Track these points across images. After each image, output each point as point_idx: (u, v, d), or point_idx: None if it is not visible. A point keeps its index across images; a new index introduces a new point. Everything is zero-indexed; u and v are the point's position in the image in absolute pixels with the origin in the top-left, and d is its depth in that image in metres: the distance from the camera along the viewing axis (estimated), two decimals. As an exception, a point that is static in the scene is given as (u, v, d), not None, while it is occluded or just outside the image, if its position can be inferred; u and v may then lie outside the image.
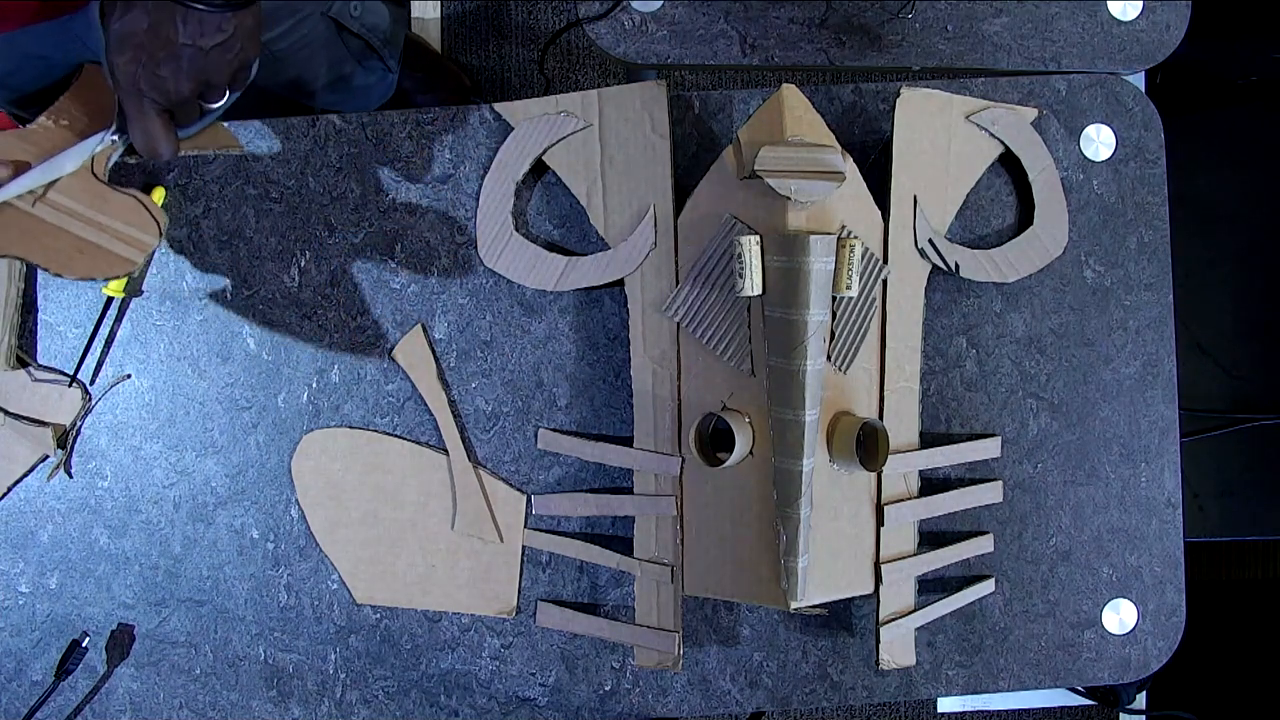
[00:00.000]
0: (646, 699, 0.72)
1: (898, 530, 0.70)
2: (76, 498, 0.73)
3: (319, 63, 0.90)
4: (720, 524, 0.66)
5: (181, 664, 0.73)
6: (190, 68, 0.57)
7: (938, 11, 0.74)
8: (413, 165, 0.72)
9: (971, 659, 0.73)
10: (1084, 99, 0.74)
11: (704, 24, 0.74)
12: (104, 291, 0.71)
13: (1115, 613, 0.73)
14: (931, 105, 0.70)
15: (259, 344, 0.72)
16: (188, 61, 0.57)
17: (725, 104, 0.72)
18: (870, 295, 0.67)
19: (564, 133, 0.69)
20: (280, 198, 0.72)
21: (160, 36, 0.55)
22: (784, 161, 0.60)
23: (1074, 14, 0.75)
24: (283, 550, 0.73)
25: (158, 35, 0.55)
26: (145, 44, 0.55)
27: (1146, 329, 0.74)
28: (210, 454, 0.73)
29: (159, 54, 0.56)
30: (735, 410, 0.65)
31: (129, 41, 0.55)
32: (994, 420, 0.73)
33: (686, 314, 0.67)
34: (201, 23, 0.55)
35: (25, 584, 0.73)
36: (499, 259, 0.71)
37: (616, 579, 0.72)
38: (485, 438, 0.72)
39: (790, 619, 0.72)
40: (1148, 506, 0.74)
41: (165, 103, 0.59)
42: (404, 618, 0.72)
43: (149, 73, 0.57)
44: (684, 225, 0.67)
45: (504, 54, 1.53)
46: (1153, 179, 0.74)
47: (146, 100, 0.58)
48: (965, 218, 0.73)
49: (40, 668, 0.73)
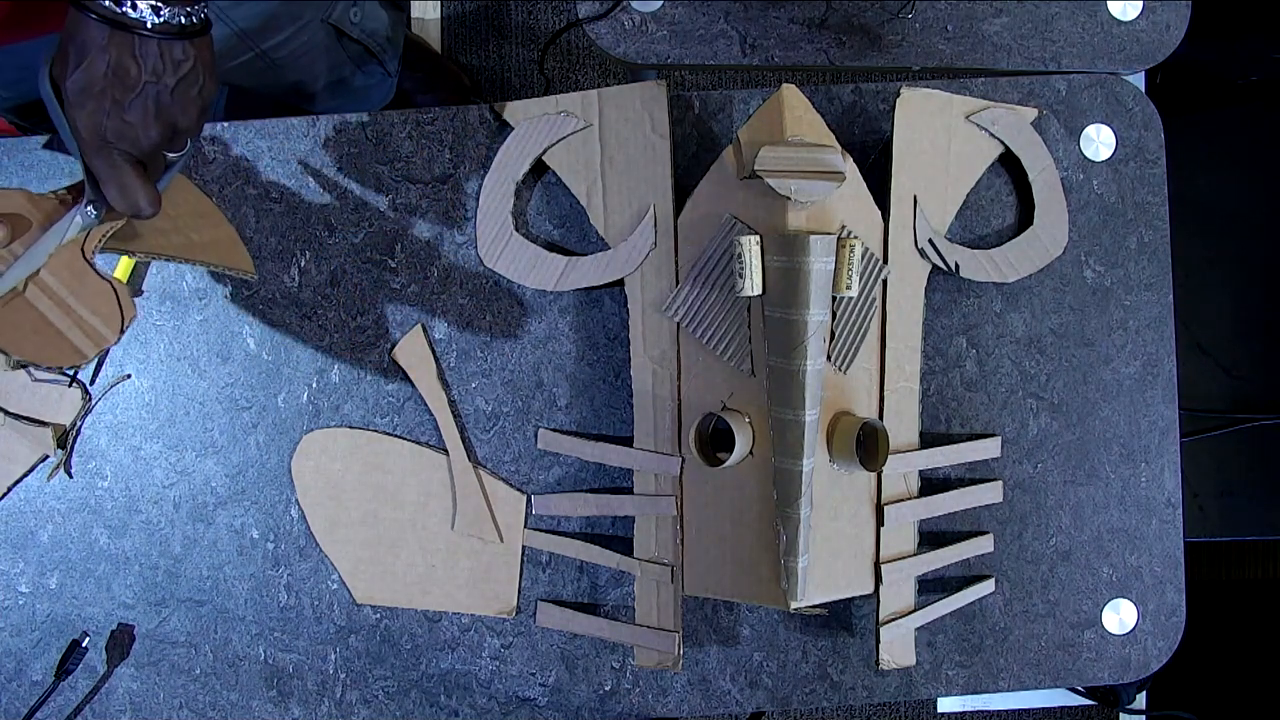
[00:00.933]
0: (646, 699, 0.72)
1: (898, 530, 0.70)
2: (76, 498, 0.73)
3: (318, 68, 0.90)
4: (720, 524, 0.66)
5: (181, 664, 0.73)
6: (157, 108, 0.55)
7: (938, 11, 0.74)
8: (413, 165, 0.72)
9: (971, 659, 0.73)
10: (1084, 99, 0.74)
11: (704, 24, 0.74)
12: (104, 291, 0.70)
13: (1115, 613, 0.73)
14: (931, 105, 0.70)
15: (259, 344, 0.72)
16: (154, 101, 0.54)
17: (725, 104, 0.72)
18: (870, 295, 0.67)
19: (564, 133, 0.69)
20: (280, 198, 0.72)
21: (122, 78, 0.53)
22: (784, 161, 0.60)
23: (1074, 14, 0.75)
24: (283, 550, 0.73)
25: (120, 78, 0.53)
26: (107, 89, 0.53)
27: (1146, 329, 0.74)
28: (210, 454, 0.73)
29: (124, 97, 0.53)
30: (735, 410, 0.65)
31: (89, 91, 0.53)
32: (994, 420, 0.73)
33: (686, 314, 0.67)
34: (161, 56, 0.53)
35: (25, 584, 0.73)
36: (499, 259, 0.71)
37: (616, 579, 0.72)
38: (485, 438, 0.72)
39: (790, 619, 0.72)
40: (1148, 506, 0.74)
41: (136, 152, 0.56)
42: (404, 618, 0.72)
43: (116, 120, 0.54)
44: (684, 225, 0.67)
45: (504, 54, 1.53)
46: (1153, 179, 0.74)
47: (116, 153, 0.55)
48: (965, 218, 0.73)
49: (40, 668, 0.73)
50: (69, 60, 0.52)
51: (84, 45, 0.52)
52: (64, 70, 0.53)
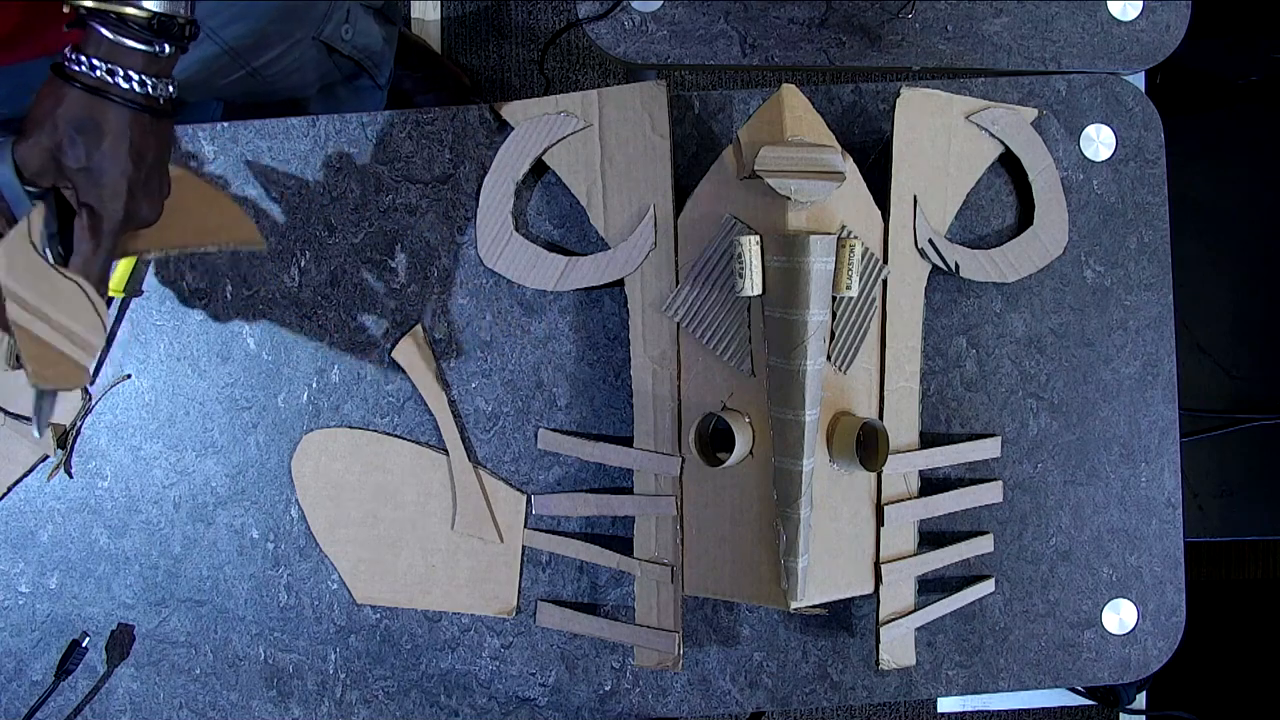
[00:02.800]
0: (646, 699, 0.72)
1: (898, 530, 0.70)
2: (76, 498, 0.73)
3: (309, 84, 0.90)
4: (720, 524, 0.66)
5: (181, 664, 0.73)
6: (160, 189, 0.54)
7: (938, 11, 0.74)
8: (413, 165, 0.72)
9: (971, 659, 0.73)
10: (1084, 99, 0.74)
11: (704, 24, 0.74)
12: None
13: (1115, 613, 0.73)
14: (931, 105, 0.70)
15: (259, 344, 0.72)
16: (158, 181, 0.54)
17: (725, 104, 0.72)
18: (870, 295, 0.67)
19: (564, 133, 0.69)
20: (280, 198, 0.72)
21: (145, 153, 0.52)
22: (784, 161, 0.60)
23: (1074, 14, 0.75)
24: (283, 550, 0.73)
25: (143, 154, 0.52)
26: (136, 165, 0.52)
27: (1146, 329, 0.74)
28: (210, 454, 0.73)
29: (143, 177, 0.53)
30: (735, 410, 0.65)
31: (116, 168, 0.51)
32: (994, 420, 0.73)
33: (686, 314, 0.67)
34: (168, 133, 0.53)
35: (25, 584, 0.73)
36: (499, 259, 0.71)
37: (616, 579, 0.72)
38: (485, 438, 0.72)
39: (790, 619, 0.72)
40: (1148, 506, 0.74)
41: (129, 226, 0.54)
42: (404, 618, 0.72)
43: (139, 203, 0.53)
44: (684, 225, 0.67)
45: (504, 54, 1.53)
46: (1153, 179, 0.74)
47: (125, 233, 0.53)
48: (965, 218, 0.73)
49: (40, 668, 0.73)
50: (86, 140, 0.51)
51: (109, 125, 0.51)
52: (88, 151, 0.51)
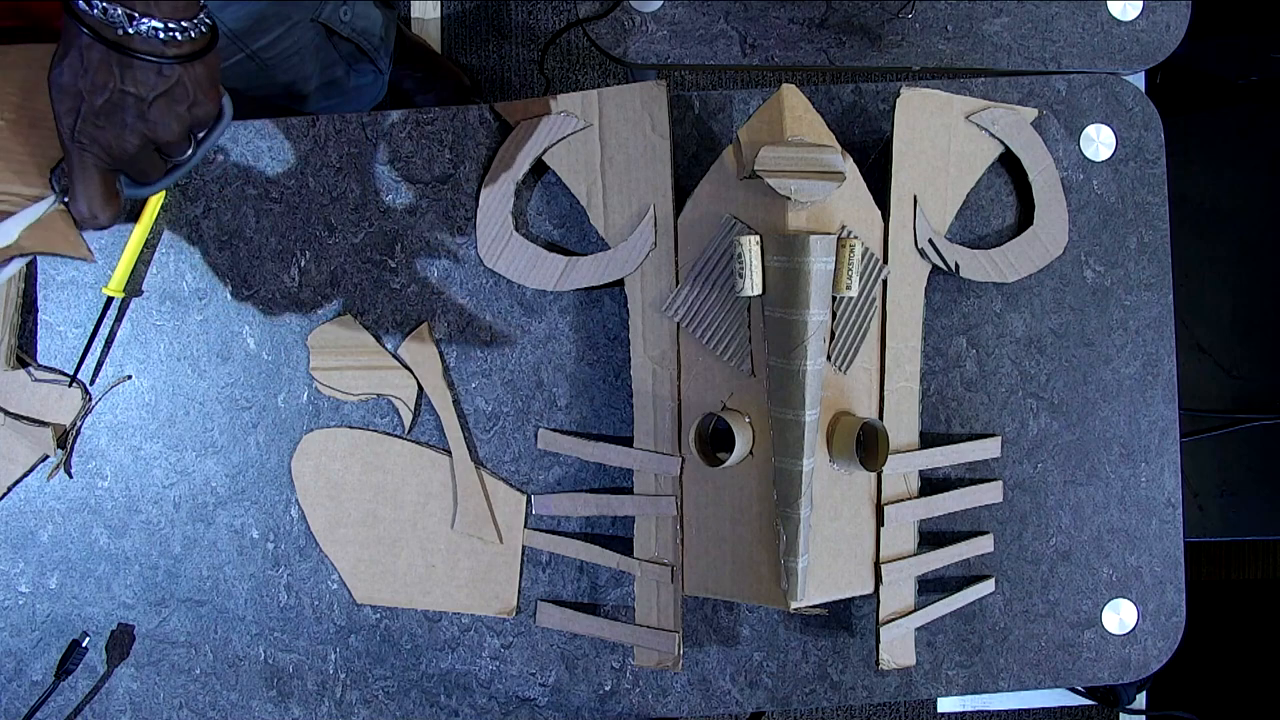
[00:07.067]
0: (646, 699, 0.72)
1: (898, 530, 0.70)
2: (76, 498, 0.73)
3: (309, 68, 0.89)
4: (720, 524, 0.66)
5: (181, 664, 0.73)
6: (135, 120, 0.53)
7: (938, 11, 0.74)
8: (413, 165, 0.72)
9: (971, 659, 0.73)
10: (1084, 99, 0.74)
11: (704, 24, 0.74)
12: (104, 291, 0.71)
13: (1115, 613, 0.73)
14: (931, 105, 0.70)
15: (259, 344, 0.72)
16: (130, 113, 0.53)
17: (725, 104, 0.72)
18: (870, 295, 0.67)
19: (564, 133, 0.69)
20: (280, 198, 0.72)
21: (99, 85, 0.52)
22: (784, 161, 0.60)
23: (1074, 14, 0.75)
24: (283, 550, 0.73)
25: (96, 84, 0.52)
26: (83, 91, 0.52)
27: (1146, 329, 0.74)
28: (210, 454, 0.73)
29: (97, 103, 0.52)
30: (735, 410, 0.65)
31: (66, 89, 0.52)
32: (994, 420, 0.73)
33: (686, 314, 0.67)
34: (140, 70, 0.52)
35: (25, 584, 0.73)
36: (499, 259, 0.71)
37: (616, 579, 0.72)
38: (485, 438, 0.72)
39: (790, 619, 0.72)
40: (1148, 506, 0.74)
41: (109, 160, 0.55)
42: (404, 618, 0.72)
43: (89, 124, 0.53)
44: (684, 225, 0.67)
45: (504, 54, 1.53)
46: (1153, 179, 0.74)
47: (88, 156, 0.54)
48: (965, 218, 0.73)
49: (40, 668, 0.73)
50: (58, 52, 0.52)
51: (69, 42, 0.52)
52: (54, 62, 0.53)
